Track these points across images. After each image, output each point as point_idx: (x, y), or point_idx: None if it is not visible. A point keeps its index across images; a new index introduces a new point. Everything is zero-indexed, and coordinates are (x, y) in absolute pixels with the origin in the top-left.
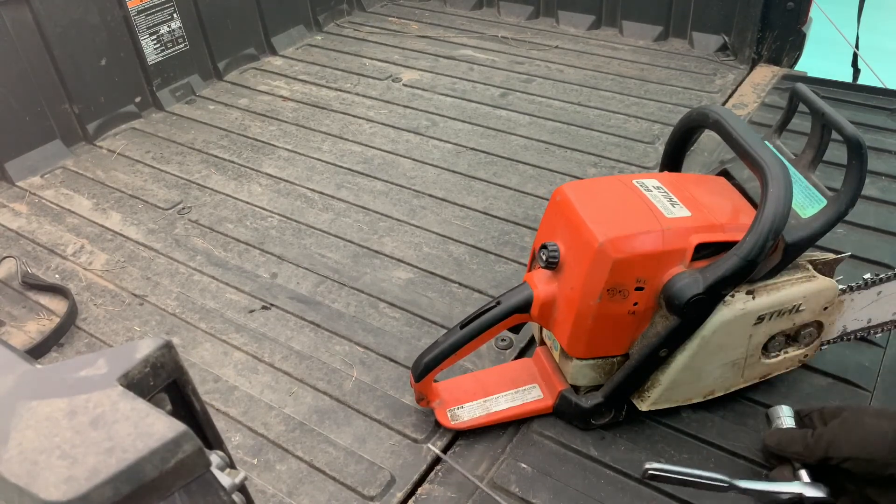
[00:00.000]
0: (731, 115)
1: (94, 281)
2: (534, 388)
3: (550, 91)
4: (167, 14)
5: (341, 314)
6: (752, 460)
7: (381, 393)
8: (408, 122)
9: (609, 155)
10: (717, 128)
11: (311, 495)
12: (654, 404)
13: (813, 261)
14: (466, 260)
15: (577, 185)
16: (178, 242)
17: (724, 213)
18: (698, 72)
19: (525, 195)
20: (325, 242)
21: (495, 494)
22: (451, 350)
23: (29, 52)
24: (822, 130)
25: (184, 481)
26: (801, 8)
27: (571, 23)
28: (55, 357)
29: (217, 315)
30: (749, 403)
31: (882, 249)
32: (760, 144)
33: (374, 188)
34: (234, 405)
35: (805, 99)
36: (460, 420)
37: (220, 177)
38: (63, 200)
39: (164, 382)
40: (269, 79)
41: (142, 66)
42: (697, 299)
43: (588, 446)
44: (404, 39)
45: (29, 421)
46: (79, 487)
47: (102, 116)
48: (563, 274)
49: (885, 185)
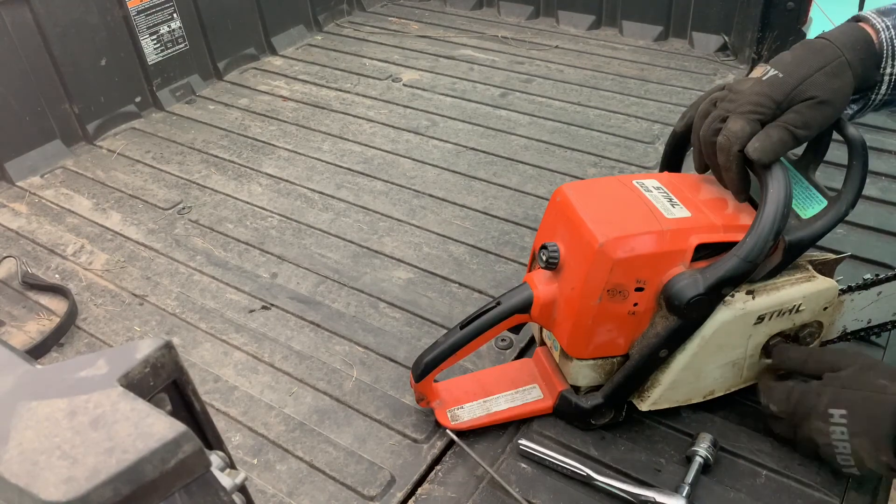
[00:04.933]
0: None
1: (94, 281)
2: (534, 388)
3: (550, 91)
4: (167, 14)
5: (341, 314)
6: (753, 460)
7: (381, 393)
8: (408, 122)
9: (609, 155)
10: None
11: (311, 495)
12: (654, 404)
13: (813, 261)
14: (466, 260)
15: (577, 185)
16: (178, 242)
17: (724, 214)
18: (698, 72)
19: (525, 195)
20: (325, 242)
21: (503, 481)
22: (451, 350)
23: (29, 52)
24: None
25: (184, 482)
26: (801, 8)
27: (571, 23)
28: (55, 357)
29: (217, 315)
30: (749, 403)
31: (882, 249)
32: None
33: (374, 188)
34: (234, 405)
35: None
36: (460, 420)
37: (220, 177)
38: (63, 200)
39: (164, 383)
40: (269, 79)
41: (142, 66)
42: (697, 300)
43: (588, 446)
44: (404, 39)
45: (29, 421)
46: (79, 488)
47: (102, 116)
48: (563, 274)
49: (885, 185)
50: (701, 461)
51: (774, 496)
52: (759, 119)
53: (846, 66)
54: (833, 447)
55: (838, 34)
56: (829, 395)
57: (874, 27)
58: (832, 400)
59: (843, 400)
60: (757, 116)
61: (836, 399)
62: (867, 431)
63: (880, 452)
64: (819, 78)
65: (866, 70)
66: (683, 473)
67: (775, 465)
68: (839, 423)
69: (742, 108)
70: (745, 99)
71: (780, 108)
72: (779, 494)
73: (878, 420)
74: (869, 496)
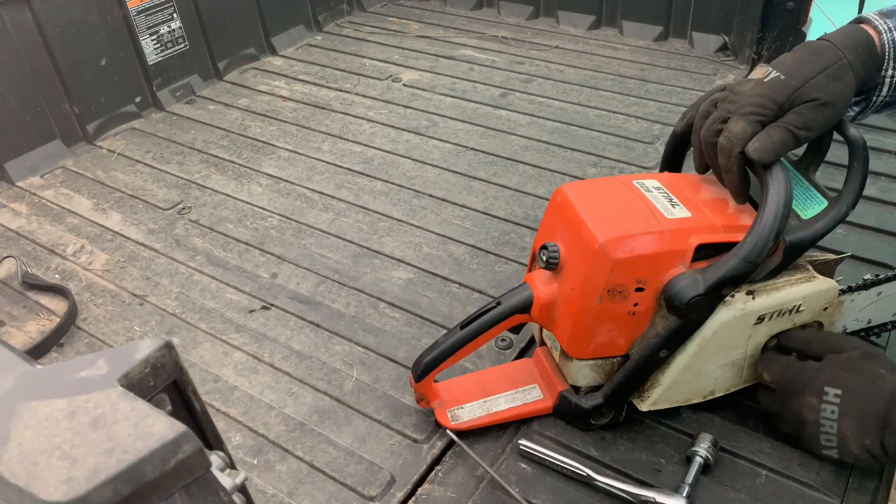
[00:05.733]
0: None
1: (94, 281)
2: (534, 388)
3: (550, 91)
4: (167, 14)
5: (341, 314)
6: (753, 460)
7: (381, 393)
8: (408, 122)
9: (609, 155)
10: None
11: (311, 495)
12: (654, 404)
13: (813, 261)
14: (466, 260)
15: (577, 185)
16: (178, 242)
17: (724, 214)
18: (698, 72)
19: (525, 195)
20: (325, 242)
21: (503, 482)
22: (451, 350)
23: (29, 52)
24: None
25: (184, 482)
26: (801, 8)
27: (571, 23)
28: (55, 357)
29: (217, 315)
30: (749, 403)
31: (882, 249)
32: None
33: (374, 188)
34: (234, 405)
35: None
36: (460, 420)
37: (220, 177)
38: (63, 200)
39: (164, 383)
40: (269, 79)
41: (142, 66)
42: (698, 300)
43: (588, 446)
44: (404, 39)
45: (29, 421)
46: (79, 488)
47: (102, 116)
48: (563, 274)
49: (885, 185)
50: (701, 461)
51: (774, 496)
52: (760, 120)
53: (848, 67)
54: (820, 425)
55: (840, 36)
56: (828, 374)
57: (876, 29)
58: (829, 378)
59: (840, 380)
60: (758, 118)
61: (833, 378)
62: (857, 415)
63: (865, 437)
64: (820, 80)
65: (868, 72)
66: (683, 473)
67: (775, 465)
68: (832, 402)
69: (743, 110)
70: (746, 100)
71: (781, 110)
72: (779, 494)
73: (870, 406)
74: (869, 496)
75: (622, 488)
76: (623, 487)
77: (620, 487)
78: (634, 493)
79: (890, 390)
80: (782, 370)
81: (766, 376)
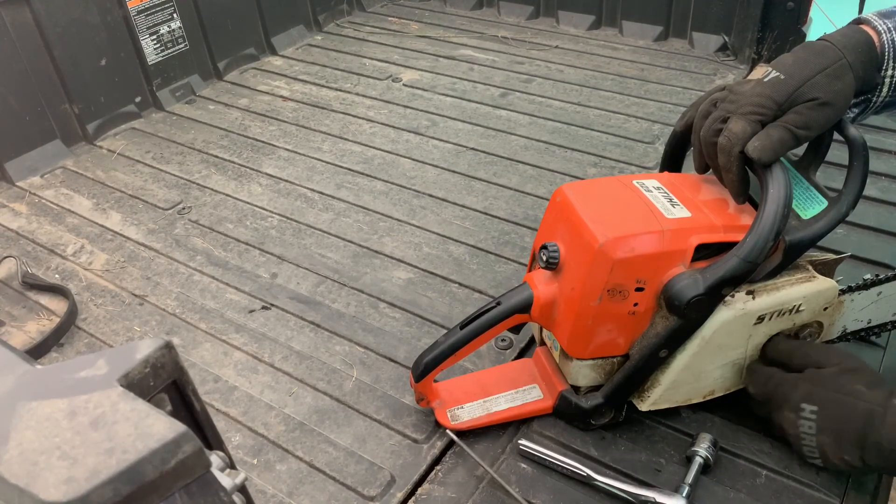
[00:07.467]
0: None
1: (94, 281)
2: (534, 388)
3: (550, 91)
4: (167, 14)
5: (341, 314)
6: (753, 460)
7: (381, 393)
8: (408, 122)
9: (609, 155)
10: None
11: (311, 495)
12: (655, 404)
13: (813, 261)
14: (466, 260)
15: (577, 185)
16: (178, 242)
17: (724, 214)
18: (698, 72)
19: (525, 195)
20: (325, 242)
21: (503, 482)
22: (451, 350)
23: (29, 52)
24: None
25: (184, 482)
26: (801, 8)
27: (571, 23)
28: (55, 357)
29: (217, 315)
30: (749, 403)
31: (882, 249)
32: None
33: (374, 188)
34: (234, 405)
35: None
36: (460, 420)
37: (220, 177)
38: (63, 200)
39: (164, 383)
40: (269, 79)
41: (142, 66)
42: (698, 300)
43: (588, 446)
44: (404, 39)
45: (29, 421)
46: (79, 488)
47: (102, 116)
48: (563, 274)
49: (885, 185)
50: (701, 461)
51: (774, 496)
52: (760, 120)
53: (847, 68)
54: (801, 438)
55: (839, 36)
56: (804, 390)
57: (876, 29)
58: (805, 395)
59: (816, 397)
60: (758, 117)
61: (809, 395)
62: (833, 431)
63: (844, 452)
64: (820, 79)
65: (867, 72)
66: (683, 473)
67: (775, 465)
68: (809, 418)
69: (743, 109)
70: (746, 100)
71: (781, 110)
72: (779, 494)
73: (846, 423)
74: (869, 496)
75: (622, 488)
76: (623, 487)
77: (620, 487)
78: (634, 493)
79: (865, 408)
80: (764, 383)
81: (750, 388)
